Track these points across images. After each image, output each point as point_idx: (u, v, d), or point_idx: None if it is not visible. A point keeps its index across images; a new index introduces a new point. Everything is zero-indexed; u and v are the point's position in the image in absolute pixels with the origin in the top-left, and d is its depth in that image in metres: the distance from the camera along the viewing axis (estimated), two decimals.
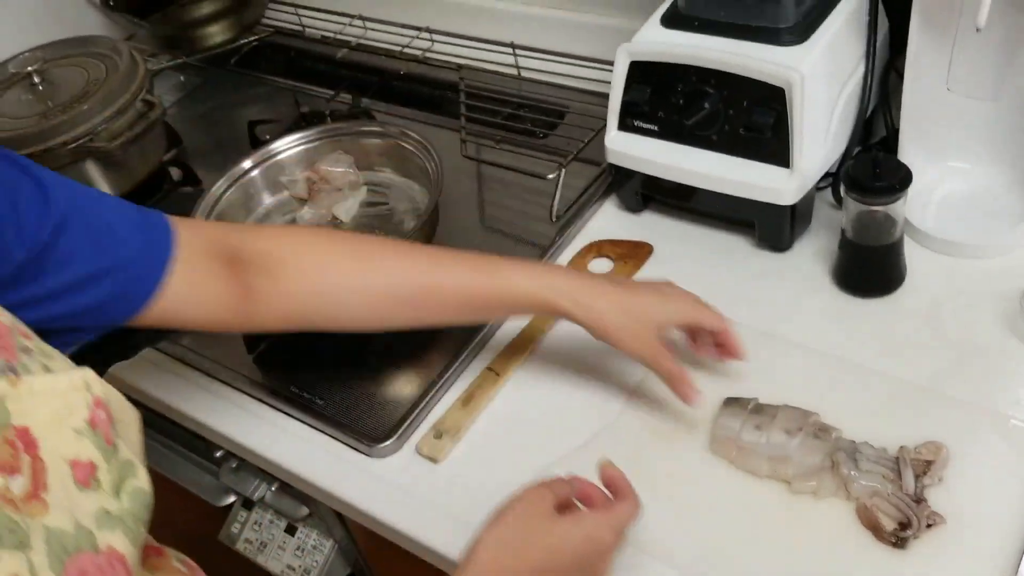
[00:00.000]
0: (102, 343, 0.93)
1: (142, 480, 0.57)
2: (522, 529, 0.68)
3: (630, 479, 0.76)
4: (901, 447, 0.80)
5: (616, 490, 0.74)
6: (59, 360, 0.58)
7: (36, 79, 1.24)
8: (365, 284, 0.83)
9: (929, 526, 0.75)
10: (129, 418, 0.59)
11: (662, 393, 0.90)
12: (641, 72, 1.01)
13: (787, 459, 0.80)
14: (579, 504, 0.74)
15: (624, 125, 1.04)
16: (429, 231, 1.06)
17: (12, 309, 0.62)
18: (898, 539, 0.75)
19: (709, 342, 0.88)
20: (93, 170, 1.24)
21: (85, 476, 0.52)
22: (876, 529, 0.76)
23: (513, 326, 1.01)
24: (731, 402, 0.86)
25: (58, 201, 0.69)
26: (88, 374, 0.56)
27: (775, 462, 0.81)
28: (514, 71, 1.36)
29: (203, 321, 0.80)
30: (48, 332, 0.68)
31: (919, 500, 0.76)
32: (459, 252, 0.87)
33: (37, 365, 0.56)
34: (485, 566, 0.67)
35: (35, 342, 0.59)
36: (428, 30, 1.44)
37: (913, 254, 0.96)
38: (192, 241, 0.78)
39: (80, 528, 0.51)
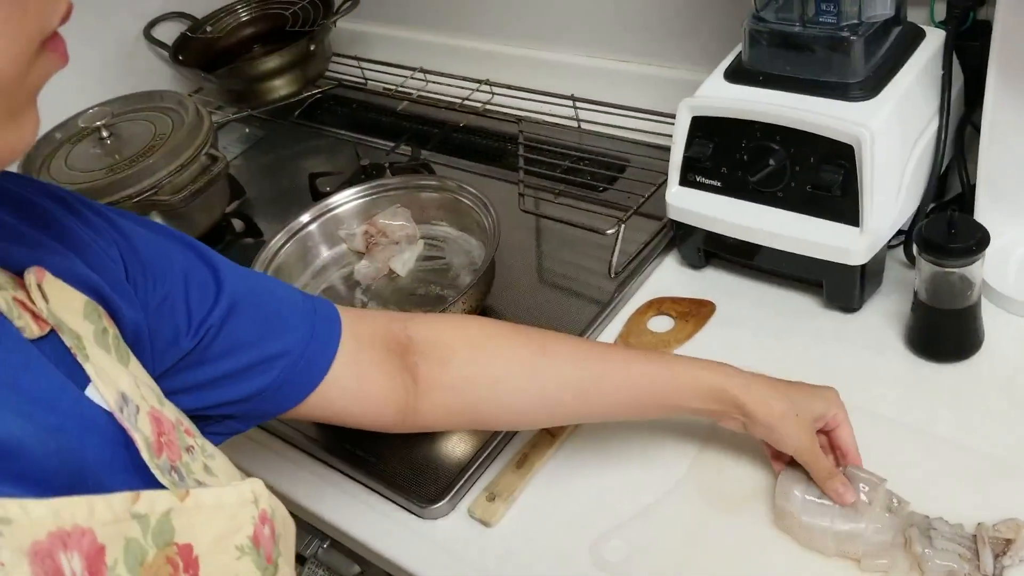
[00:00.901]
0: None
1: None
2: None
3: (689, 545, 0.75)
4: (979, 524, 0.75)
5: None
6: (219, 460, 0.57)
7: (104, 133, 1.27)
8: (539, 372, 0.79)
9: None
10: (288, 531, 0.57)
11: (725, 462, 0.87)
12: (704, 127, 0.99)
13: (856, 536, 0.76)
14: None
15: (686, 181, 1.02)
16: (485, 286, 1.04)
17: (173, 395, 0.61)
18: None
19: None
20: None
21: None
22: None
23: None
24: (793, 466, 0.82)
25: (229, 287, 0.68)
26: (257, 486, 0.54)
27: (843, 540, 0.77)
28: (574, 123, 1.35)
29: (365, 416, 0.77)
30: (204, 419, 0.68)
31: None
32: (637, 351, 0.85)
33: (199, 465, 0.55)
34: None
35: (196, 439, 0.58)
36: (488, 82, 1.44)
37: (992, 318, 0.92)
38: (359, 331, 0.75)
39: None
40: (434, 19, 1.55)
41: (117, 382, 0.53)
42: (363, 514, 0.94)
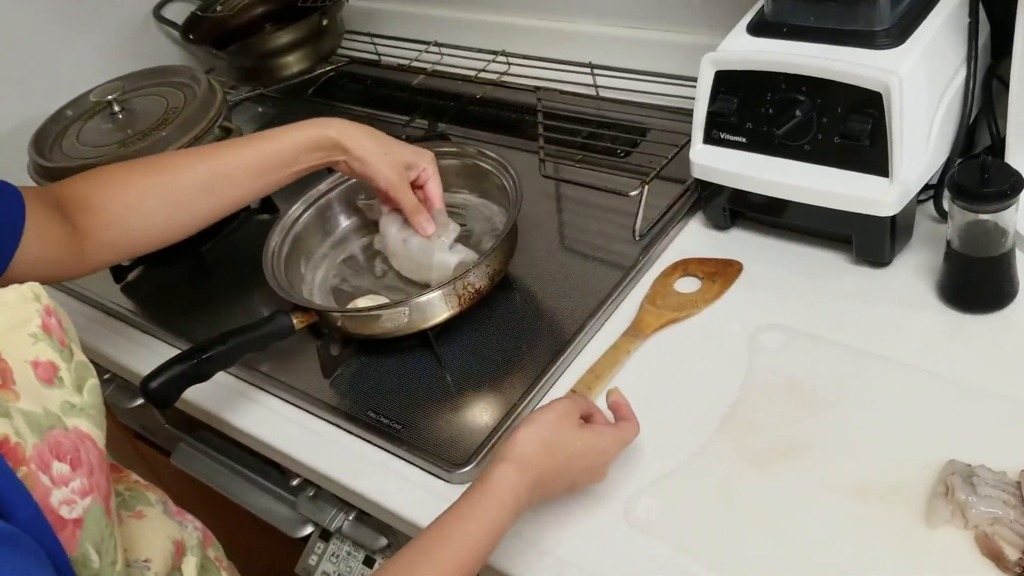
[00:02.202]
0: (175, 366, 0.92)
1: (96, 379, 0.61)
2: (554, 433, 0.77)
3: (723, 503, 0.77)
4: (1023, 470, 0.73)
5: (620, 415, 0.83)
6: None
7: (116, 108, 1.26)
8: (164, 186, 0.92)
9: None
10: (72, 327, 0.62)
11: (756, 419, 0.86)
12: (727, 82, 0.97)
13: (432, 265, 1.01)
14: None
15: (710, 138, 1.00)
16: (508, 250, 1.03)
17: None
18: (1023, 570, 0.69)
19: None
20: None
21: (47, 375, 0.57)
22: (998, 559, 0.70)
23: (596, 348, 0.97)
24: (393, 212, 1.06)
25: None
26: (35, 286, 0.60)
27: (425, 269, 1.02)
28: (592, 91, 1.33)
29: (51, 268, 0.85)
30: None
31: None
32: (244, 136, 0.99)
33: None
34: (523, 459, 0.75)
35: None
36: (504, 53, 1.43)
37: None
38: (33, 198, 0.84)
39: (49, 413, 0.56)
40: None
41: None
42: (390, 482, 0.92)
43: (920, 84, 0.89)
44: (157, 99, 1.28)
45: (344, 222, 1.17)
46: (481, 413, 0.95)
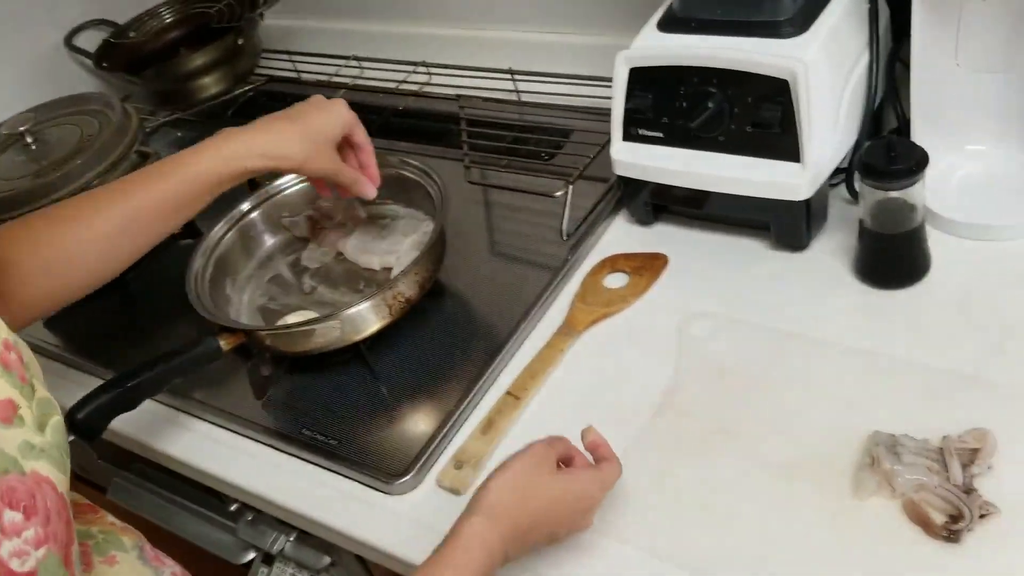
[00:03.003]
0: (101, 395, 0.90)
1: (60, 416, 0.59)
2: (528, 479, 0.72)
3: (660, 490, 0.76)
4: (944, 437, 0.76)
5: (600, 455, 0.78)
6: None
7: (29, 139, 1.23)
8: (77, 235, 0.87)
9: (982, 516, 0.71)
10: (34, 363, 0.60)
11: (687, 406, 0.87)
12: (641, 79, 0.98)
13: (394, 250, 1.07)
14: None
15: (628, 135, 1.01)
16: (436, 258, 1.03)
17: None
18: (950, 532, 0.70)
19: (354, 163, 1.02)
20: None
21: (6, 414, 0.54)
22: (926, 524, 0.72)
23: (530, 348, 0.98)
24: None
25: None
26: None
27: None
28: (514, 96, 1.34)
29: None
30: None
31: (969, 490, 0.72)
32: (149, 167, 0.92)
33: None
34: (493, 509, 0.70)
35: None
36: (424, 64, 1.43)
37: (937, 242, 0.93)
38: None
39: (4, 455, 0.53)
40: (365, 7, 1.53)
41: None
42: (327, 498, 0.92)
43: (825, 70, 0.92)
44: (71, 128, 1.26)
45: (269, 240, 1.16)
46: (418, 422, 0.95)
